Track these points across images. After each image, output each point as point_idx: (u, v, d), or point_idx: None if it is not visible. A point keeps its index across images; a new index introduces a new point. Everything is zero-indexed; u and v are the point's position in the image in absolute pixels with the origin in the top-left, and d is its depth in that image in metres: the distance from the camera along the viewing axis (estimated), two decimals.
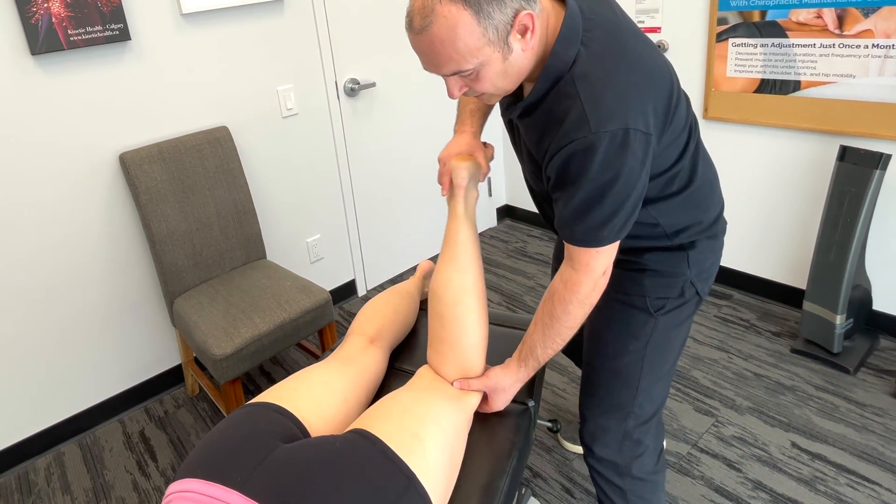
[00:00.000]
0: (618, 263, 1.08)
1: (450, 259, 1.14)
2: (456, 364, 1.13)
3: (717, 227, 1.15)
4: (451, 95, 0.92)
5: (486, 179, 3.21)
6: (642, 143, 0.90)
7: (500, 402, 1.17)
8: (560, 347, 1.07)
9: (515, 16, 0.84)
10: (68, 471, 1.93)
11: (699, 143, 1.08)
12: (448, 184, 1.19)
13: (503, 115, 1.09)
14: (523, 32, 0.86)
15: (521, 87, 1.03)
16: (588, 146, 0.87)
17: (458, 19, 0.81)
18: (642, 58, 0.92)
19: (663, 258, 1.12)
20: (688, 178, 1.06)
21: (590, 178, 0.89)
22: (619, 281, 1.13)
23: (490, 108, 1.27)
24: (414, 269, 2.94)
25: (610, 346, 1.19)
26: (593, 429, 1.25)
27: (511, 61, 0.88)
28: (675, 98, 0.97)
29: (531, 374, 1.12)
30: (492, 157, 1.27)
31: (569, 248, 0.99)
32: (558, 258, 1.50)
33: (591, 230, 0.95)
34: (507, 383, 1.14)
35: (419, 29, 0.84)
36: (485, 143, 1.27)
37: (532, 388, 1.30)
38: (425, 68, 0.90)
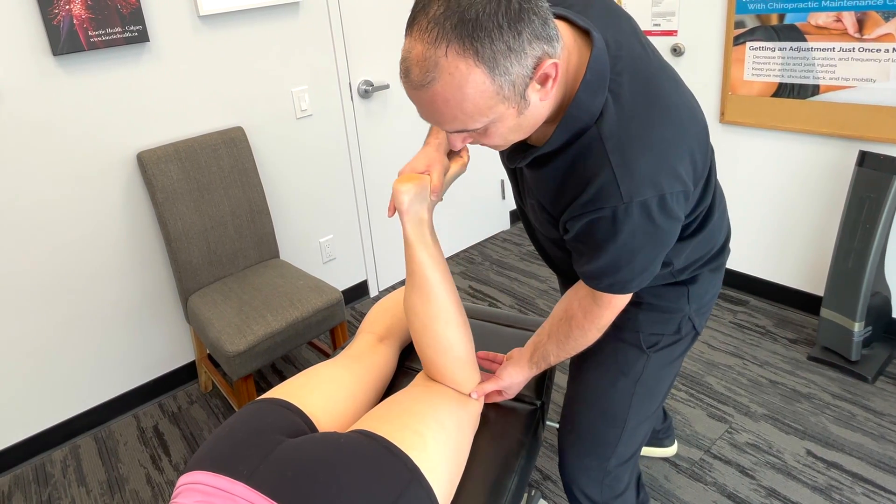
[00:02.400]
0: None
1: (410, 287, 1.08)
2: (449, 377, 1.12)
3: (721, 257, 1.07)
4: (452, 147, 0.82)
5: (500, 182, 3.21)
6: (680, 202, 0.81)
7: (514, 393, 1.19)
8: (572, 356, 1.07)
9: (536, 66, 0.70)
10: (84, 463, 1.97)
11: (714, 173, 0.97)
12: (392, 206, 1.05)
13: (504, 162, 0.99)
14: (543, 82, 0.73)
15: None
16: (618, 216, 0.78)
17: (466, 78, 0.68)
18: (676, 104, 0.81)
19: (662, 292, 1.05)
20: (706, 216, 0.97)
21: (619, 244, 0.81)
22: None
23: None
24: None
25: (597, 382, 1.13)
26: (573, 469, 1.19)
27: (527, 115, 0.75)
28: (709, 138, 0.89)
29: (542, 370, 1.14)
30: (462, 170, 1.13)
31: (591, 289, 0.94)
32: None
33: (619, 283, 0.88)
34: (520, 380, 1.14)
35: (418, 84, 0.70)
36: (458, 153, 1.11)
37: (542, 387, 1.29)
38: (424, 119, 0.77)
